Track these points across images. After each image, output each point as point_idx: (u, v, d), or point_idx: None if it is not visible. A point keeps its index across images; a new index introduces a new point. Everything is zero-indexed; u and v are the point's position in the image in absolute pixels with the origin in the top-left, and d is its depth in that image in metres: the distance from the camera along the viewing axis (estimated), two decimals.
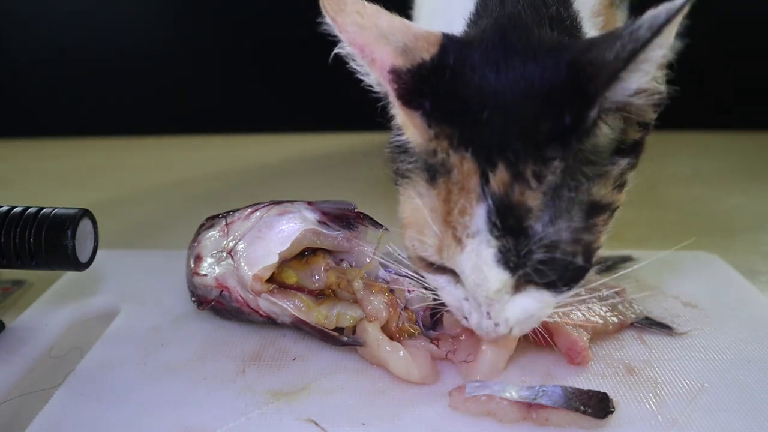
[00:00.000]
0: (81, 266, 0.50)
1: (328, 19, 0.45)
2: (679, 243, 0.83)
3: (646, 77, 0.40)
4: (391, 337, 0.50)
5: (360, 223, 0.54)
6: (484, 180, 0.42)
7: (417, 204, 0.45)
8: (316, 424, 0.44)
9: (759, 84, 1.41)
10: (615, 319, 0.55)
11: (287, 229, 0.53)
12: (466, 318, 0.47)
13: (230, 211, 0.57)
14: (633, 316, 0.56)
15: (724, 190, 1.08)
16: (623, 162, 0.45)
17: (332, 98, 1.48)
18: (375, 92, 0.46)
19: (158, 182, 1.18)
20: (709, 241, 0.84)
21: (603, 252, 0.49)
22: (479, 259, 0.42)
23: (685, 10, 0.38)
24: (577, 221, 0.43)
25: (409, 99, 0.44)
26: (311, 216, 0.54)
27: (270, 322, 0.54)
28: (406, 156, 0.46)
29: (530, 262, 0.42)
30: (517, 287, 0.45)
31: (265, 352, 0.54)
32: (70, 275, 0.67)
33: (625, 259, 0.69)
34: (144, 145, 1.48)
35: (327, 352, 0.53)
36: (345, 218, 0.54)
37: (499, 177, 0.41)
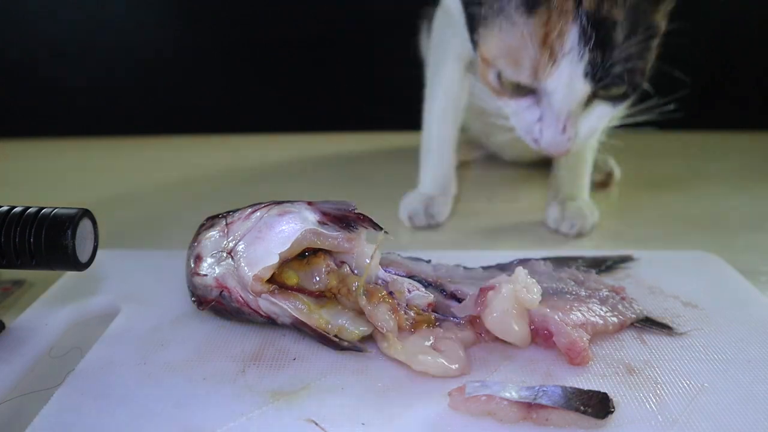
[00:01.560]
0: (81, 266, 0.50)
1: None
2: (679, 243, 0.84)
3: None
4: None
5: (360, 224, 0.54)
6: (578, 2, 0.50)
7: (513, 33, 0.52)
8: (316, 424, 0.44)
9: (759, 84, 1.41)
10: (615, 319, 0.55)
11: (287, 229, 0.53)
12: (536, 140, 0.56)
13: (230, 211, 0.57)
14: (633, 316, 0.56)
15: (724, 190, 1.08)
16: None
17: (332, 98, 1.48)
18: None
19: (158, 182, 1.18)
20: (709, 241, 0.84)
21: (603, 252, 0.52)
22: (572, 73, 0.51)
23: None
24: (642, 40, 0.52)
25: None
26: (311, 216, 0.54)
27: (270, 322, 0.54)
28: None
29: (611, 75, 0.51)
30: (587, 103, 0.54)
31: (265, 352, 0.54)
32: (70, 275, 0.67)
33: (625, 259, 0.69)
34: (144, 145, 1.48)
35: (327, 352, 0.53)
36: (345, 219, 0.54)
37: None
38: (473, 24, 0.58)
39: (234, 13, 1.46)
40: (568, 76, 0.51)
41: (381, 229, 0.54)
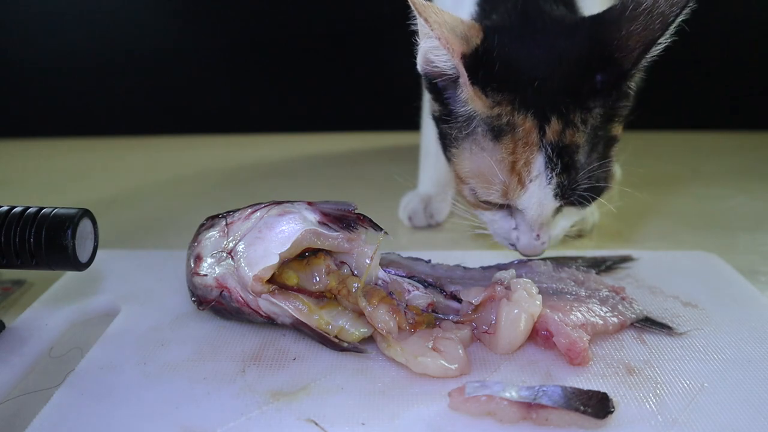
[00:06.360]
0: (81, 266, 0.50)
1: (420, 19, 0.54)
2: (679, 243, 0.84)
3: (670, 36, 0.52)
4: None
5: (360, 225, 0.54)
6: (542, 133, 0.54)
7: (482, 158, 0.56)
8: (316, 424, 0.44)
9: (759, 84, 1.41)
10: (615, 319, 0.55)
11: (287, 229, 0.53)
12: (513, 244, 0.61)
13: (230, 211, 0.57)
14: (633, 316, 0.56)
15: (724, 190, 1.08)
16: (628, 104, 0.57)
17: (333, 98, 1.48)
18: (438, 74, 0.57)
19: (158, 182, 1.18)
20: (709, 241, 0.84)
21: (603, 252, 0.53)
22: (541, 196, 0.56)
23: None
24: (603, 153, 0.56)
25: (473, 78, 0.54)
26: (311, 216, 0.54)
27: (270, 322, 0.54)
28: (465, 124, 0.57)
29: (577, 191, 0.56)
30: (558, 210, 0.59)
31: (265, 352, 0.54)
32: (70, 275, 0.67)
33: (625, 259, 0.69)
34: (144, 145, 1.48)
35: (327, 352, 0.53)
36: (345, 219, 0.54)
37: (554, 128, 0.54)
38: (446, 141, 0.61)
39: (234, 14, 1.46)
40: (537, 197, 0.56)
41: (381, 229, 0.54)
